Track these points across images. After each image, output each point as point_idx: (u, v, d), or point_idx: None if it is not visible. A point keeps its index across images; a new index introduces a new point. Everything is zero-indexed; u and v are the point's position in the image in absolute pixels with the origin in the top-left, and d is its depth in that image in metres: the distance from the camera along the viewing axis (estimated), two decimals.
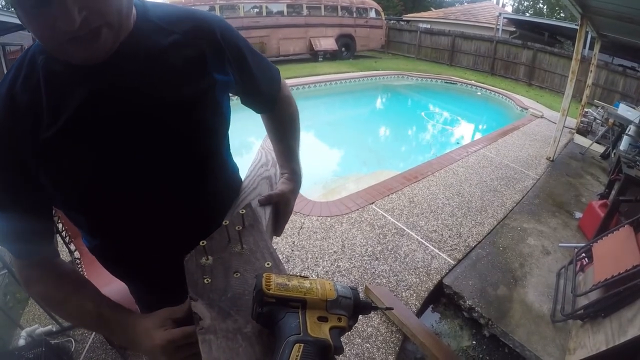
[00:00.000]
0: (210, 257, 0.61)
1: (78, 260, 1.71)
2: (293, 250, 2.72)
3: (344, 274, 2.53)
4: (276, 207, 0.84)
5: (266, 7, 10.65)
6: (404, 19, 18.47)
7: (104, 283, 0.95)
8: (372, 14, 13.14)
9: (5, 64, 6.45)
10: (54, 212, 0.68)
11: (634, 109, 5.89)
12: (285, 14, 11.07)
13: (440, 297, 2.56)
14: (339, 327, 0.48)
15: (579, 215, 3.61)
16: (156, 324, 0.59)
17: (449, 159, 4.76)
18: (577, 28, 4.59)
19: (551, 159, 5.05)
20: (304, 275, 0.52)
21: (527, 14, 23.01)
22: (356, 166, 5.46)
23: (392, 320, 2.16)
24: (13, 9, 0.48)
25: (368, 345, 2.02)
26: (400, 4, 23.01)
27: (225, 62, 0.66)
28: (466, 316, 2.42)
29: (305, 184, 0.98)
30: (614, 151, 4.90)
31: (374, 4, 13.24)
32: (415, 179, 4.05)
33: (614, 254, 2.10)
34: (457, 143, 6.31)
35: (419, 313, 2.34)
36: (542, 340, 2.15)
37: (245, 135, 5.17)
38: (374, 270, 2.59)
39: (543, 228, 3.36)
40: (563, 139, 5.50)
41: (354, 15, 12.63)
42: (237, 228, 0.64)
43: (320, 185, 4.45)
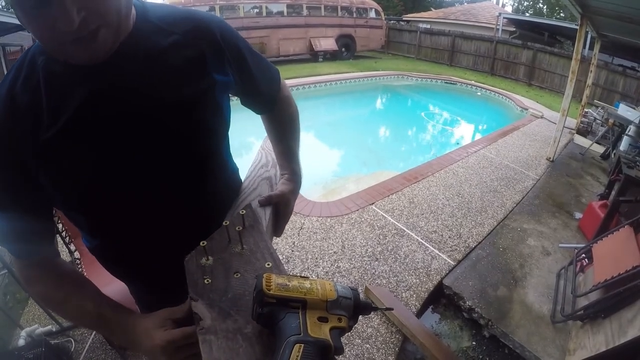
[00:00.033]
0: (210, 258, 0.61)
1: (78, 260, 1.72)
2: (293, 251, 2.72)
3: (344, 274, 2.53)
4: (276, 208, 0.84)
5: (266, 8, 10.66)
6: (403, 19, 18.49)
7: (104, 283, 0.95)
8: (372, 14, 13.15)
9: (6, 65, 6.45)
10: (54, 212, 0.67)
11: (634, 109, 5.89)
12: (285, 14, 11.08)
13: (440, 298, 2.56)
14: (339, 328, 0.48)
15: (579, 215, 3.61)
16: (156, 324, 0.59)
17: (449, 160, 4.76)
18: (577, 28, 4.60)
19: (551, 159, 5.05)
20: (304, 275, 0.52)
21: (527, 14, 23.02)
22: (356, 167, 5.46)
23: (392, 321, 2.15)
24: (13, 10, 0.48)
25: (368, 345, 2.02)
26: (400, 4, 23.03)
27: (225, 63, 0.67)
28: (466, 317, 2.42)
29: (305, 184, 0.98)
30: (614, 151, 4.90)
31: (374, 4, 13.25)
32: (415, 179, 4.05)
33: (614, 254, 2.10)
34: (457, 143, 6.31)
35: (419, 314, 2.34)
36: (542, 341, 2.15)
37: (245, 136, 5.17)
38: (374, 270, 2.59)
39: (543, 229, 3.36)
40: (563, 139, 5.50)
41: (354, 15, 12.64)
42: (238, 228, 0.65)
43: (320, 185, 4.45)
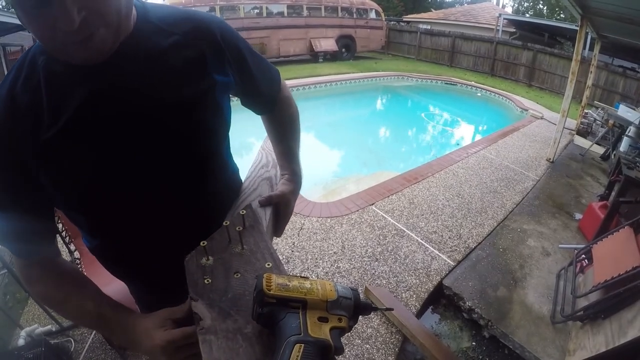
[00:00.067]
0: (210, 258, 0.61)
1: (78, 260, 1.72)
2: (293, 251, 2.72)
3: (344, 274, 2.53)
4: (276, 208, 0.84)
5: (266, 8, 10.67)
6: (404, 20, 18.51)
7: (104, 283, 0.95)
8: (372, 15, 13.16)
9: (6, 65, 6.47)
10: (54, 212, 0.68)
11: (634, 110, 5.89)
12: (286, 14, 11.09)
13: (440, 298, 2.56)
14: (339, 328, 0.48)
15: (579, 216, 3.61)
16: (156, 324, 0.59)
17: (449, 160, 4.76)
18: (577, 29, 4.60)
19: (551, 160, 5.05)
20: (304, 276, 0.52)
21: (527, 15, 23.06)
22: (356, 167, 5.47)
23: (392, 321, 2.15)
24: (13, 10, 0.48)
25: (368, 346, 2.02)
26: (400, 5, 23.05)
27: (225, 63, 0.67)
28: (466, 317, 2.42)
29: (305, 184, 0.98)
30: (614, 152, 4.89)
31: (374, 4, 13.27)
32: (415, 180, 4.05)
33: (614, 255, 2.10)
34: (457, 144, 6.31)
35: (419, 314, 2.34)
36: (542, 341, 2.15)
37: (245, 136, 5.17)
38: (373, 271, 2.59)
39: (543, 229, 3.36)
40: (563, 140, 5.50)
41: (354, 16, 12.65)
42: (238, 229, 0.65)
43: (320, 186, 4.45)
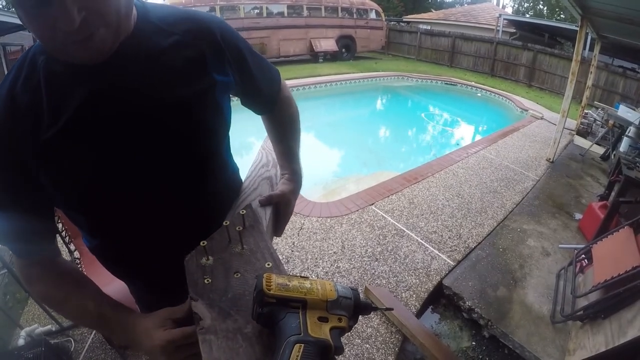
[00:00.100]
0: (210, 258, 0.61)
1: (78, 260, 1.72)
2: (293, 251, 2.72)
3: (344, 274, 2.53)
4: (277, 208, 0.84)
5: (266, 8, 10.67)
6: (404, 20, 18.51)
7: (104, 283, 0.95)
8: (373, 15, 13.16)
9: (6, 64, 6.46)
10: (54, 212, 0.68)
11: (634, 110, 5.90)
12: (286, 15, 11.09)
13: (440, 298, 2.56)
14: (339, 328, 0.48)
15: (578, 216, 3.62)
16: (156, 324, 0.59)
17: (448, 160, 4.76)
18: (577, 29, 4.60)
19: (551, 160, 5.05)
20: (304, 275, 0.52)
21: (527, 15, 23.07)
22: (356, 167, 5.47)
23: (392, 321, 2.15)
24: (13, 9, 0.48)
25: (368, 345, 2.02)
26: (400, 5, 23.06)
27: (225, 63, 0.67)
28: (466, 317, 2.42)
29: (305, 184, 0.98)
30: (614, 152, 4.90)
31: (374, 5, 13.27)
32: (415, 180, 4.05)
33: (614, 255, 2.10)
34: (457, 144, 6.31)
35: (419, 314, 2.34)
36: (542, 341, 2.15)
37: (245, 136, 5.17)
38: (373, 271, 2.59)
39: (543, 229, 3.36)
40: (563, 140, 5.50)
41: (354, 16, 12.65)
42: (238, 228, 0.64)
43: (320, 186, 4.45)
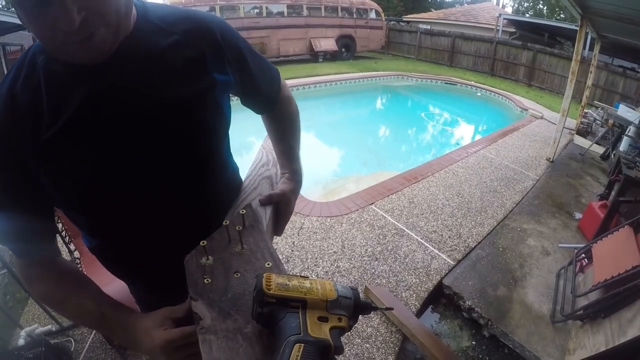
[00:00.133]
0: (210, 257, 0.61)
1: (78, 260, 1.72)
2: (293, 251, 2.72)
3: (344, 274, 2.53)
4: (277, 207, 0.84)
5: (266, 8, 10.66)
6: (404, 19, 18.50)
7: (105, 283, 0.95)
8: (372, 15, 13.15)
9: (6, 64, 6.45)
10: (54, 212, 0.68)
11: (633, 109, 5.89)
12: (286, 14, 11.08)
13: (440, 298, 2.56)
14: (339, 327, 0.48)
15: (578, 216, 3.62)
16: (156, 324, 0.59)
17: (448, 160, 4.76)
18: (577, 29, 4.59)
19: (551, 159, 5.05)
20: (304, 275, 0.52)
21: (527, 15, 23.04)
22: (356, 167, 5.47)
23: (392, 321, 2.15)
24: (13, 9, 0.48)
25: (368, 345, 2.02)
26: (400, 5, 23.03)
27: (225, 63, 0.66)
28: (466, 316, 2.42)
29: (305, 184, 0.98)
30: (614, 152, 4.90)
31: (374, 4, 13.26)
32: (415, 179, 4.05)
33: (614, 254, 2.10)
34: (457, 144, 6.31)
35: (419, 313, 2.34)
36: (542, 340, 2.15)
37: (245, 136, 5.17)
38: (373, 270, 2.59)
39: (543, 229, 3.36)
40: (563, 139, 5.50)
41: (354, 16, 12.64)
42: (238, 228, 0.64)
43: (320, 185, 4.45)
